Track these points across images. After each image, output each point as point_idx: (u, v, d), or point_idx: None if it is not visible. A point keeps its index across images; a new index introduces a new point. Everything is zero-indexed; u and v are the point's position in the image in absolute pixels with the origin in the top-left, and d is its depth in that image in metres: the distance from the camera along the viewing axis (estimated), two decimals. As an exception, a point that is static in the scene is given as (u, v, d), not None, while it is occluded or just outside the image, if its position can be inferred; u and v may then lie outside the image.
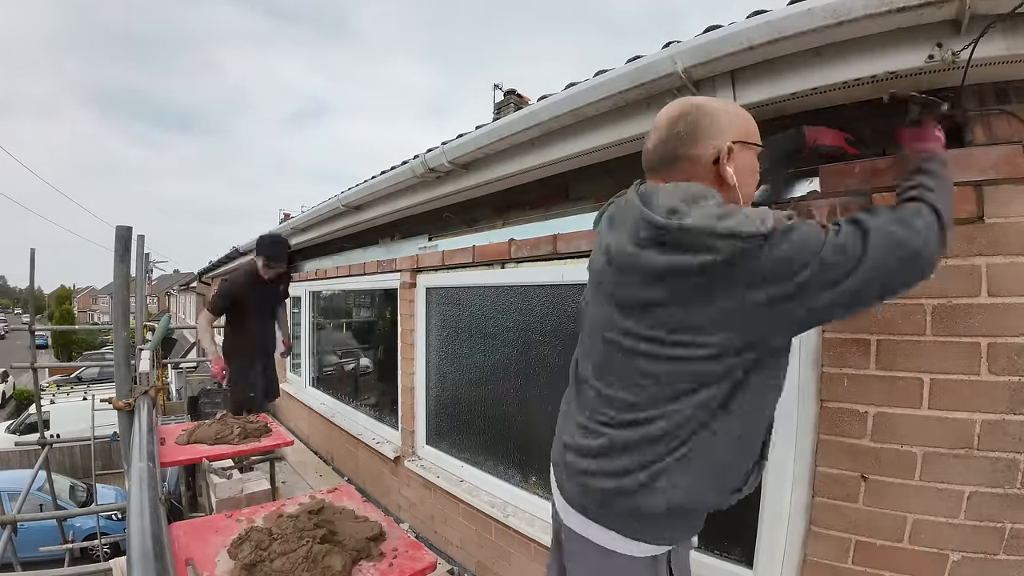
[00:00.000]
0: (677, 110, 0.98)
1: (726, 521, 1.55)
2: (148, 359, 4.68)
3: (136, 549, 1.04)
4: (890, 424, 1.18)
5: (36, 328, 3.87)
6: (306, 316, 4.90)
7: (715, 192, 0.89)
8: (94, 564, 2.15)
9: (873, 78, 1.10)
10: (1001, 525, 1.08)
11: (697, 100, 0.99)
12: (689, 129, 0.95)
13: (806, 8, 1.02)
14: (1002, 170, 1.09)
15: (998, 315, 1.08)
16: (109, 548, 4.72)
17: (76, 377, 16.93)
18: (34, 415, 6.22)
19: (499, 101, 6.38)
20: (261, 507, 1.70)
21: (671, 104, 1.01)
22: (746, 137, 0.96)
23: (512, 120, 1.77)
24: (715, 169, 0.94)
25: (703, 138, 0.94)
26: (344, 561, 1.30)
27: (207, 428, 2.75)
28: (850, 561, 1.22)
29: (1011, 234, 1.07)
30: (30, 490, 3.69)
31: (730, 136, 0.94)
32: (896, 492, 1.17)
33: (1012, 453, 1.07)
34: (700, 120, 0.95)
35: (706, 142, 0.94)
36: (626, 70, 1.37)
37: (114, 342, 2.05)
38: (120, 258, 1.90)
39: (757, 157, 0.99)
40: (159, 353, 4.72)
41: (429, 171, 2.24)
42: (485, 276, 2.41)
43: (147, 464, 1.50)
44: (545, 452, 2.21)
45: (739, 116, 0.99)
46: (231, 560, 1.34)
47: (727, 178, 0.93)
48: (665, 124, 0.98)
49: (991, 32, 0.95)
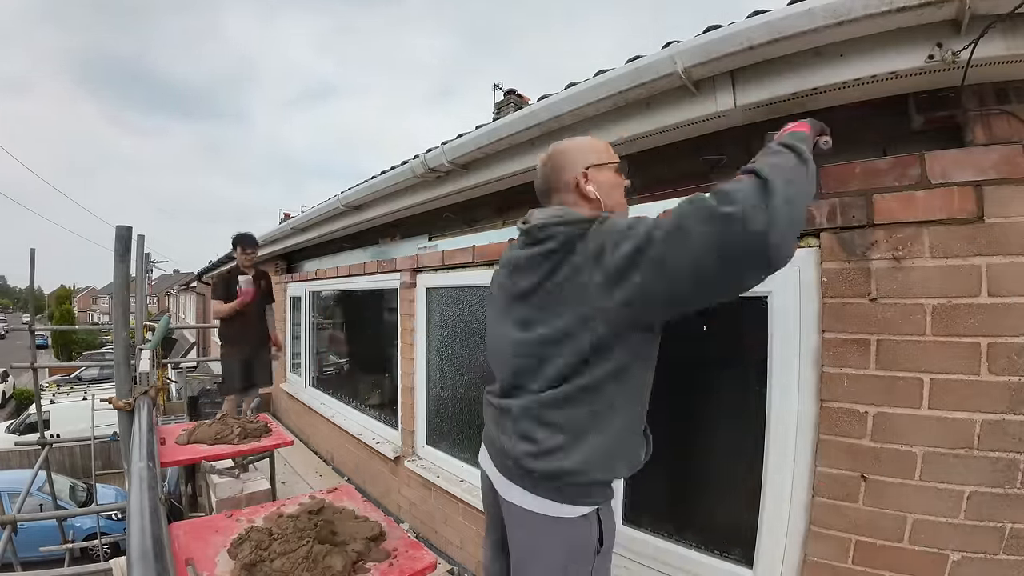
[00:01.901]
0: (544, 155, 1.27)
1: (726, 521, 1.55)
2: (148, 359, 4.68)
3: (136, 549, 1.04)
4: (890, 424, 1.18)
5: (36, 328, 3.87)
6: (306, 316, 4.90)
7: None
8: (94, 564, 2.15)
9: (873, 78, 1.10)
10: (1001, 525, 1.08)
11: (557, 144, 1.27)
12: (552, 166, 1.24)
13: (806, 8, 1.03)
14: (1002, 170, 1.09)
15: (998, 315, 1.08)
16: (109, 548, 4.72)
17: (76, 377, 16.92)
18: (34, 415, 6.22)
19: (499, 101, 6.38)
20: (261, 507, 1.70)
21: (544, 152, 1.29)
22: (596, 161, 1.20)
23: (512, 120, 1.77)
24: (579, 190, 1.19)
25: (563, 172, 1.21)
26: (344, 561, 1.30)
27: (207, 428, 2.75)
28: (850, 561, 1.22)
29: (1011, 234, 1.07)
30: (30, 490, 3.68)
31: (582, 164, 1.19)
32: (896, 492, 1.17)
33: (1012, 453, 1.07)
34: (558, 159, 1.23)
35: (566, 173, 1.20)
36: (626, 70, 1.37)
37: (114, 342, 2.05)
38: (120, 258, 1.90)
39: (616, 171, 1.22)
40: (159, 353, 4.72)
41: (429, 171, 2.24)
42: (485, 276, 2.41)
43: (147, 464, 1.50)
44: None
45: (588, 145, 1.24)
46: (231, 560, 1.34)
47: (589, 194, 1.17)
48: (539, 167, 1.27)
49: (991, 32, 0.95)
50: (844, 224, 1.25)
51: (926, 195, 1.15)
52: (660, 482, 1.75)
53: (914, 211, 1.16)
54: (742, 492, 1.46)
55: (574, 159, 1.21)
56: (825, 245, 1.28)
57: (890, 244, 1.19)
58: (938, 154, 1.15)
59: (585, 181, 1.18)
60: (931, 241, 1.14)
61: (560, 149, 1.25)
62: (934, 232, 1.14)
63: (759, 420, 1.42)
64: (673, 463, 1.74)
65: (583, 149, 1.23)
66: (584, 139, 1.27)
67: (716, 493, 1.62)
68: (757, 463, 1.42)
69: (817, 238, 1.31)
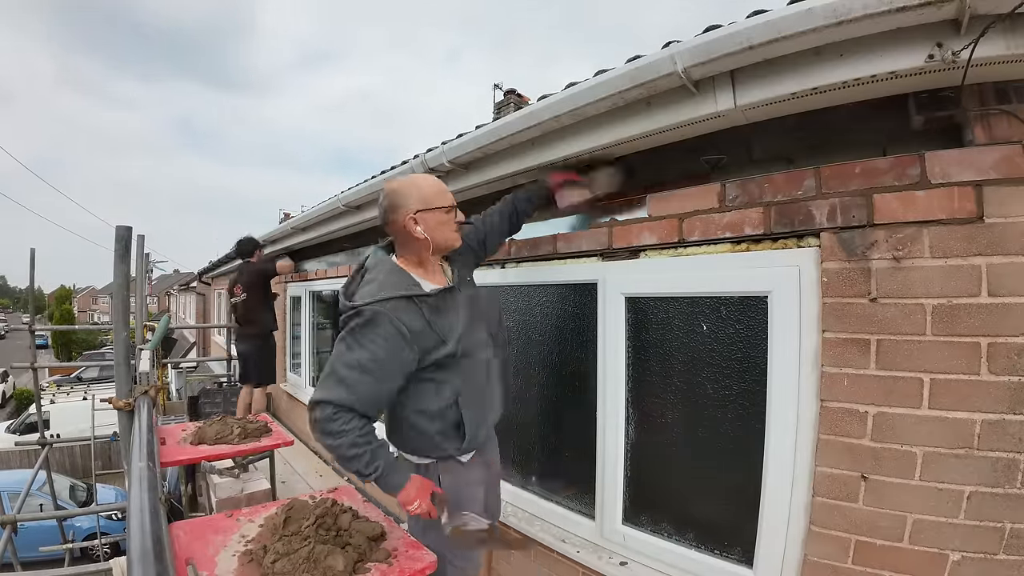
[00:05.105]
0: (383, 190, 1.45)
1: (726, 521, 1.56)
2: (148, 359, 4.68)
3: (136, 549, 1.04)
4: (890, 424, 1.18)
5: (36, 328, 3.87)
6: (306, 316, 4.90)
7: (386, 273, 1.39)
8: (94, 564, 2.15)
9: (873, 78, 1.10)
10: (1001, 525, 1.08)
11: (392, 183, 1.45)
12: (387, 204, 1.42)
13: (806, 8, 1.02)
14: (1002, 170, 1.09)
15: (998, 315, 1.08)
16: (109, 548, 4.72)
17: (76, 377, 16.92)
18: (34, 415, 6.22)
19: (499, 101, 6.38)
20: (261, 507, 1.69)
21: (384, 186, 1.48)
22: (425, 205, 1.39)
23: (512, 120, 1.77)
24: (406, 230, 1.38)
25: (396, 210, 1.40)
26: (346, 561, 1.30)
27: (207, 428, 2.75)
28: (850, 561, 1.22)
29: (1011, 234, 1.07)
30: (30, 490, 3.69)
31: (413, 206, 1.38)
32: (896, 492, 1.17)
33: (1012, 453, 1.07)
34: (392, 198, 1.41)
35: (398, 212, 1.39)
36: (626, 70, 1.37)
37: (114, 342, 2.05)
38: (120, 258, 1.90)
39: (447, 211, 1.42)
40: (159, 353, 4.73)
41: (429, 171, 2.24)
42: (485, 276, 2.41)
43: (147, 464, 1.50)
44: (544, 452, 2.21)
45: (421, 189, 1.41)
46: (232, 560, 1.34)
47: (417, 235, 1.37)
48: (380, 200, 1.45)
49: (991, 32, 0.95)
50: (844, 224, 1.25)
51: (926, 195, 1.15)
52: (660, 482, 1.75)
53: (914, 211, 1.16)
54: (742, 492, 1.46)
55: (405, 199, 1.39)
56: (825, 245, 1.28)
57: (890, 244, 1.18)
58: (938, 154, 1.15)
59: (414, 223, 1.38)
60: (931, 241, 1.14)
61: (395, 189, 1.42)
62: (934, 232, 1.14)
63: (759, 420, 1.42)
64: (673, 463, 1.74)
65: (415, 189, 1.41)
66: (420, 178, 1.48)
67: (716, 493, 1.62)
68: (757, 463, 1.42)
69: (817, 238, 1.31)
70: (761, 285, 1.42)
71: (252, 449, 2.70)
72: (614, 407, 1.80)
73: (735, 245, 1.47)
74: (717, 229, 1.49)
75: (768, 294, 1.40)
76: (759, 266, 1.42)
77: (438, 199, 1.42)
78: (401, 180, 1.45)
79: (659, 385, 1.72)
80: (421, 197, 1.40)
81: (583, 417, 1.92)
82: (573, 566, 1.84)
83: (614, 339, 1.79)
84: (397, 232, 1.43)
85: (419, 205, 1.39)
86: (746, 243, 1.45)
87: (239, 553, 1.37)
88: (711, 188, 1.51)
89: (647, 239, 1.67)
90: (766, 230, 1.39)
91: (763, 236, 1.41)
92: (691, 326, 1.63)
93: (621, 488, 1.79)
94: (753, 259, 1.44)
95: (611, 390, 1.80)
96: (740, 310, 1.50)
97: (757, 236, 1.42)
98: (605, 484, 1.81)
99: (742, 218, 1.44)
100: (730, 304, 1.53)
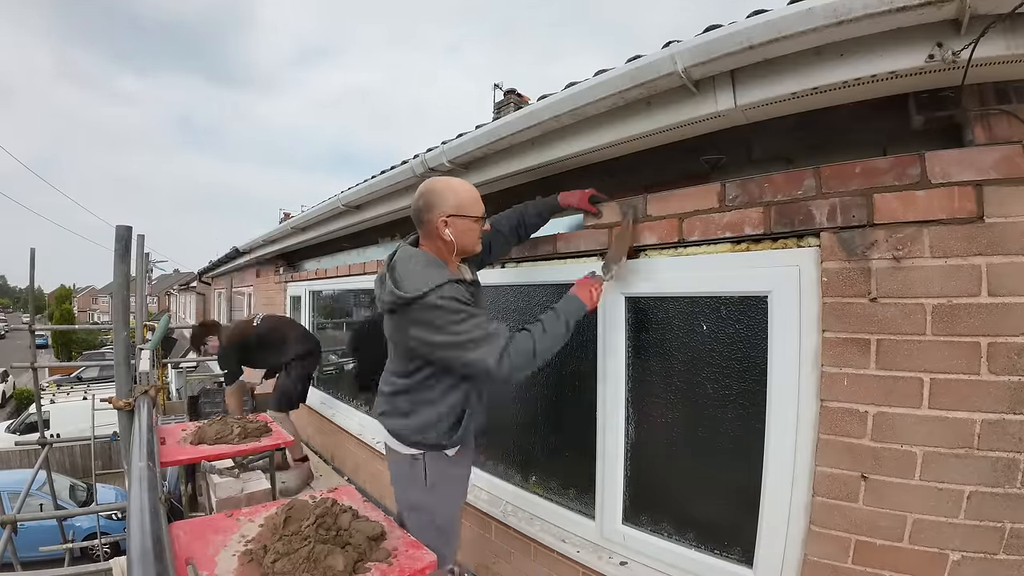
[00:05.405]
0: (419, 188, 1.51)
1: (726, 521, 1.56)
2: (148, 359, 4.68)
3: (136, 549, 1.04)
4: (890, 424, 1.18)
5: (36, 328, 3.87)
6: (306, 316, 4.90)
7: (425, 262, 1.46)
8: (94, 564, 2.15)
9: (873, 78, 1.10)
10: (1001, 525, 1.08)
11: (432, 182, 1.51)
12: (422, 202, 1.48)
13: (806, 8, 1.02)
14: (1002, 170, 1.08)
15: (998, 315, 1.08)
16: (109, 548, 4.72)
17: (76, 377, 16.92)
18: (34, 415, 6.22)
19: (499, 101, 6.39)
20: (262, 507, 1.69)
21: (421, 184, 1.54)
22: (459, 211, 1.47)
23: (512, 120, 1.77)
24: (437, 230, 1.46)
25: (431, 209, 1.46)
26: (346, 561, 1.30)
27: (207, 428, 2.75)
28: (850, 561, 1.22)
29: (1011, 234, 1.07)
30: (30, 490, 3.68)
31: (447, 210, 1.45)
32: (896, 492, 1.17)
33: (1012, 453, 1.07)
34: (429, 197, 1.47)
35: (432, 211, 1.46)
36: (626, 69, 1.37)
37: (114, 342, 2.05)
38: (120, 258, 1.89)
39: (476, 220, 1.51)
40: (159, 353, 4.72)
41: (429, 171, 2.24)
42: (485, 276, 2.41)
43: (147, 464, 1.50)
44: (544, 452, 2.21)
45: (458, 194, 1.48)
46: (232, 560, 1.34)
47: (444, 237, 1.46)
48: (415, 197, 1.51)
49: (991, 32, 0.95)
50: (844, 224, 1.25)
51: (926, 195, 1.15)
52: (660, 482, 1.75)
53: (914, 211, 1.16)
54: (742, 492, 1.46)
55: (442, 201, 1.46)
56: (825, 245, 1.28)
57: (890, 244, 1.18)
58: (938, 154, 1.15)
59: (445, 226, 1.45)
60: (931, 241, 1.14)
61: (433, 188, 1.49)
62: (934, 232, 1.14)
63: (759, 420, 1.42)
64: (673, 463, 1.74)
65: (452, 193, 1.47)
66: (457, 183, 1.52)
67: (716, 493, 1.62)
68: (757, 463, 1.42)
69: (817, 238, 1.31)
70: (761, 285, 1.42)
71: (252, 449, 2.70)
72: (614, 407, 1.80)
73: (735, 245, 1.48)
74: (717, 229, 1.49)
75: (768, 294, 1.40)
76: (759, 266, 1.42)
77: (472, 207, 1.50)
78: (440, 181, 1.52)
79: (659, 385, 1.72)
80: (457, 202, 1.47)
81: (583, 417, 1.92)
82: (573, 566, 1.84)
83: (614, 339, 1.79)
84: (427, 230, 1.50)
85: (453, 210, 1.46)
86: (746, 243, 1.45)
87: (239, 553, 1.37)
88: (711, 188, 1.51)
89: (647, 239, 1.68)
90: (766, 230, 1.39)
91: (763, 236, 1.41)
92: (691, 326, 1.63)
93: (621, 488, 1.79)
94: (753, 259, 1.44)
95: (611, 390, 1.80)
96: (740, 310, 1.50)
97: (757, 236, 1.42)
98: (605, 484, 1.82)
99: (742, 218, 1.44)
100: (730, 304, 1.53)
